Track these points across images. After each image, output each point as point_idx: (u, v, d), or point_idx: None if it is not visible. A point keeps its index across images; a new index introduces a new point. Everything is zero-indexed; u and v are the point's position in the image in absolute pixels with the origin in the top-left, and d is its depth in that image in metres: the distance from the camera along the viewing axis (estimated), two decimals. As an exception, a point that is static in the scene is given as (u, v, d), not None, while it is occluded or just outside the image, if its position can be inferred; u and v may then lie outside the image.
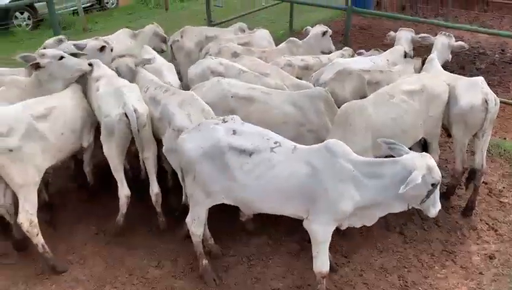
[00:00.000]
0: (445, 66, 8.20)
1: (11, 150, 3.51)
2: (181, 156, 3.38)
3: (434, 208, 3.13)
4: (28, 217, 3.63)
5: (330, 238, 3.28)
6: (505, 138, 5.90)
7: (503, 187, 4.98)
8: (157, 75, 4.61)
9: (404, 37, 5.41)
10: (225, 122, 3.37)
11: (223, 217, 4.09)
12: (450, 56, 5.20)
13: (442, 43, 5.05)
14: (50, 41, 4.99)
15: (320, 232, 3.23)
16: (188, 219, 3.64)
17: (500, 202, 4.76)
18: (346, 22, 6.71)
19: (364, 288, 3.75)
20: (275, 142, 3.24)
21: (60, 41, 4.89)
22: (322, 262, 3.32)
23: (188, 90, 4.37)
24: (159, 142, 4.13)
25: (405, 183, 2.89)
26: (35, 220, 3.68)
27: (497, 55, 8.83)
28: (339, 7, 7.73)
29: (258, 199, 3.29)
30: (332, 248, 4.04)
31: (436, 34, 5.23)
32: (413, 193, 3.00)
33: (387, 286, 3.77)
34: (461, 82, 4.38)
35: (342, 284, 3.77)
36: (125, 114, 3.80)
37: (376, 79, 4.60)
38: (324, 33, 5.71)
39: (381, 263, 3.98)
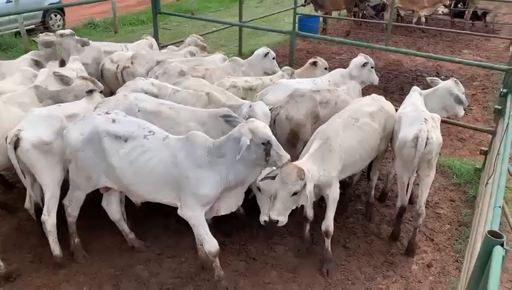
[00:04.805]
0: (386, 87, 8.85)
1: None
2: (65, 145, 3.63)
3: (280, 161, 3.33)
4: None
5: (204, 220, 3.55)
6: (440, 153, 6.25)
7: (439, 199, 5.27)
8: None
9: (355, 62, 5.55)
10: (108, 114, 3.66)
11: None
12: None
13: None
14: None
15: (193, 218, 3.51)
16: (65, 201, 3.90)
17: (436, 213, 5.02)
18: (290, 45, 6.96)
19: (310, 303, 3.79)
20: (150, 131, 3.55)
21: None
22: (209, 243, 3.56)
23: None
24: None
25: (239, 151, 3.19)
26: None
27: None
28: (283, 31, 8.00)
29: (134, 184, 3.55)
30: (279, 265, 4.14)
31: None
32: (254, 156, 3.31)
33: (331, 299, 3.83)
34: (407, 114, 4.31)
35: (287, 300, 3.79)
36: None
37: (326, 98, 4.72)
38: (266, 54, 5.87)
39: (327, 277, 4.04)
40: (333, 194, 3.92)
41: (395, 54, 10.94)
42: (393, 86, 9.10)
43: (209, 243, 3.56)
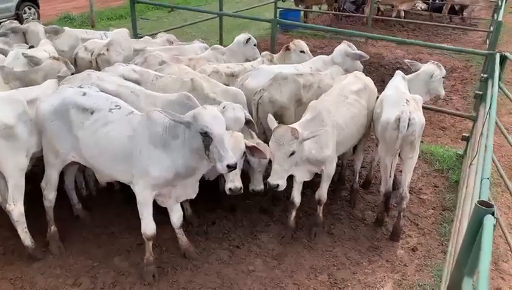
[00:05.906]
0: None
1: None
2: (37, 116, 3.57)
3: (220, 162, 3.01)
4: None
5: (151, 202, 3.47)
6: (422, 141, 6.27)
7: (422, 185, 5.26)
8: None
9: (339, 49, 5.41)
10: (81, 87, 3.62)
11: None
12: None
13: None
14: None
15: (141, 197, 3.42)
16: (42, 183, 3.83)
17: (420, 198, 5.01)
18: (271, 33, 6.87)
19: (295, 288, 3.69)
20: (116, 105, 3.48)
21: None
22: (147, 225, 3.53)
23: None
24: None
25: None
26: None
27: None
28: (264, 19, 7.92)
29: (94, 157, 3.48)
30: (263, 252, 4.05)
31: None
32: (194, 144, 3.12)
33: (317, 285, 3.74)
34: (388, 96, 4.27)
35: (273, 287, 3.69)
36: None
37: (309, 82, 4.66)
38: (247, 40, 5.75)
39: (312, 263, 3.96)
40: (328, 170, 3.98)
41: (376, 47, 11.02)
42: (374, 78, 9.00)
43: (147, 225, 3.53)
